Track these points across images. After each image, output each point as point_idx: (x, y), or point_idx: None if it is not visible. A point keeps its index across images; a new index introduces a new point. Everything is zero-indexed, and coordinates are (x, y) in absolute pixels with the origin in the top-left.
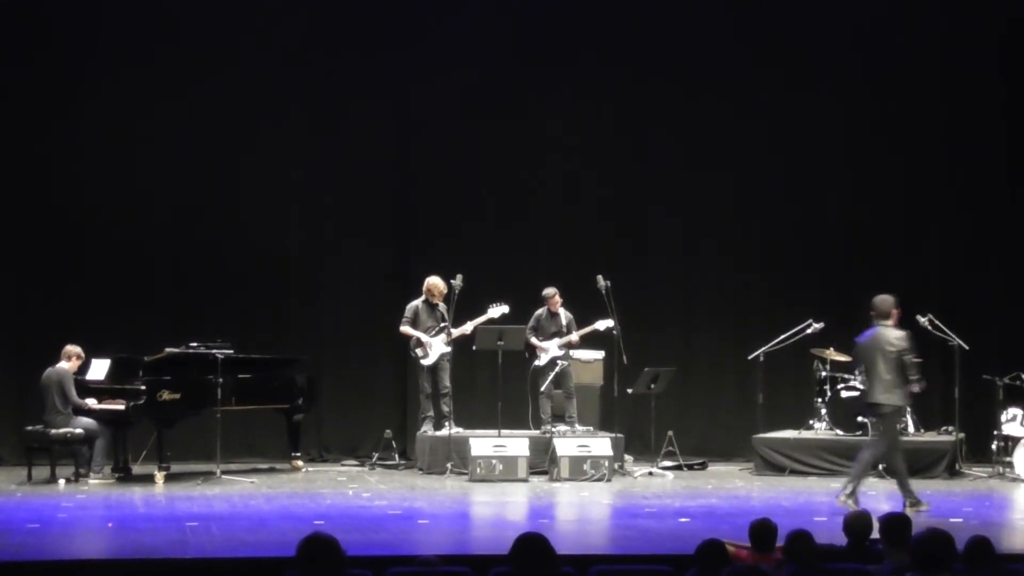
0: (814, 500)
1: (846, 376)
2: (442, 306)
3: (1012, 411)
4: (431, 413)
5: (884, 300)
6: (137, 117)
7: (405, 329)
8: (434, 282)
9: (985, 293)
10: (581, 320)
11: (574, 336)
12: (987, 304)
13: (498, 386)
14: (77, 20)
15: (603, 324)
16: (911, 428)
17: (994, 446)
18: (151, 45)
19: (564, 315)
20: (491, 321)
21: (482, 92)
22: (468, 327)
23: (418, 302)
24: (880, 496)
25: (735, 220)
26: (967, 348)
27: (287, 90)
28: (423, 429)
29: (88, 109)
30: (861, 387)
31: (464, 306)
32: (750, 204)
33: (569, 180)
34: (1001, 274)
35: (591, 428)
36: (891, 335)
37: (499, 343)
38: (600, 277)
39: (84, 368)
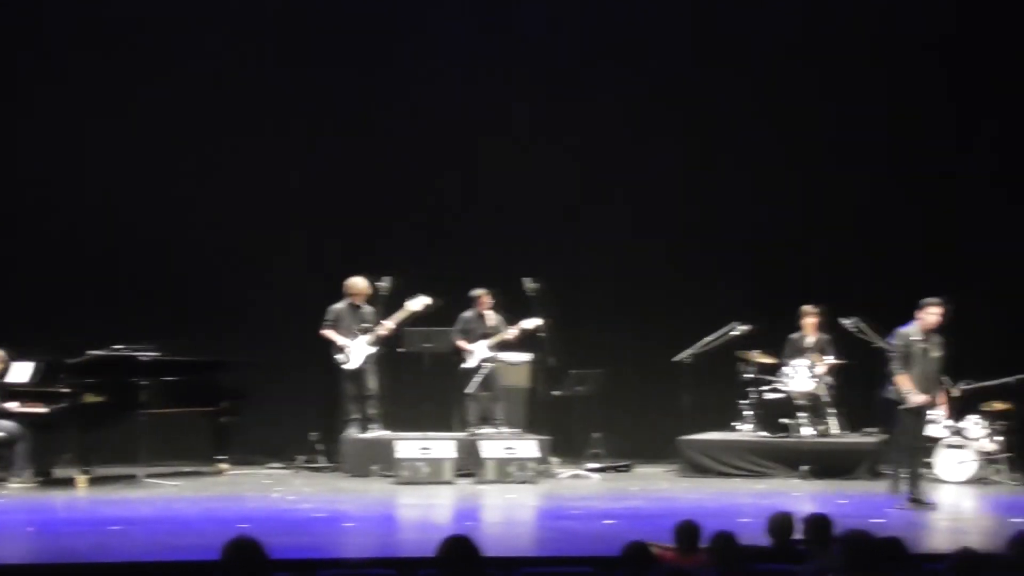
0: (738, 501)
1: (770, 378)
2: (368, 308)
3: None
4: (357, 416)
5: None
6: (72, 115)
7: (325, 332)
8: (354, 282)
9: (913, 295)
10: (510, 322)
11: (509, 333)
12: (913, 306)
13: (424, 388)
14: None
15: (531, 323)
16: (834, 429)
17: None
18: (93, 43)
19: (493, 317)
20: (412, 316)
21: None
22: (390, 323)
23: (341, 304)
24: (803, 497)
25: (665, 222)
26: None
27: (222, 89)
28: (348, 432)
29: (23, 105)
30: (785, 389)
31: (396, 307)
32: (679, 206)
33: (501, 181)
34: (929, 275)
35: (518, 430)
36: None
37: (425, 345)
38: (528, 279)
39: (6, 371)
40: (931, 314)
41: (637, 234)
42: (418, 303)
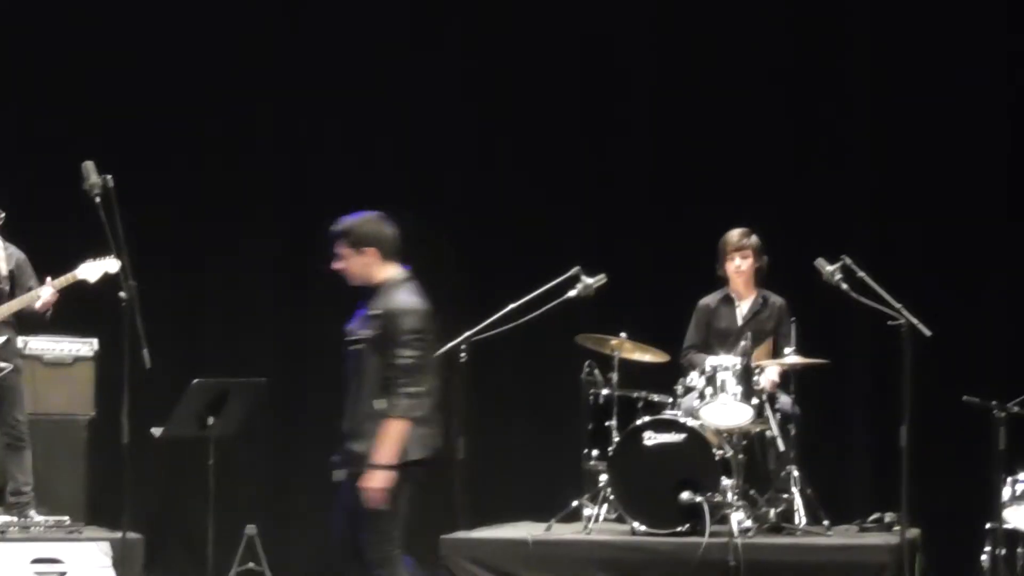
0: None
1: (655, 400)
2: None
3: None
4: None
5: None
6: None
7: None
8: None
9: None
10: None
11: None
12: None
13: None
14: None
15: (95, 268)
16: (800, 521)
17: (987, 556)
18: None
19: (3, 250)
20: None
21: None
22: None
23: None
24: None
25: None
26: None
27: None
28: None
29: None
30: (689, 425)
31: None
32: None
33: None
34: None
35: (66, 518)
36: None
37: None
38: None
39: None
40: None
41: None
42: None
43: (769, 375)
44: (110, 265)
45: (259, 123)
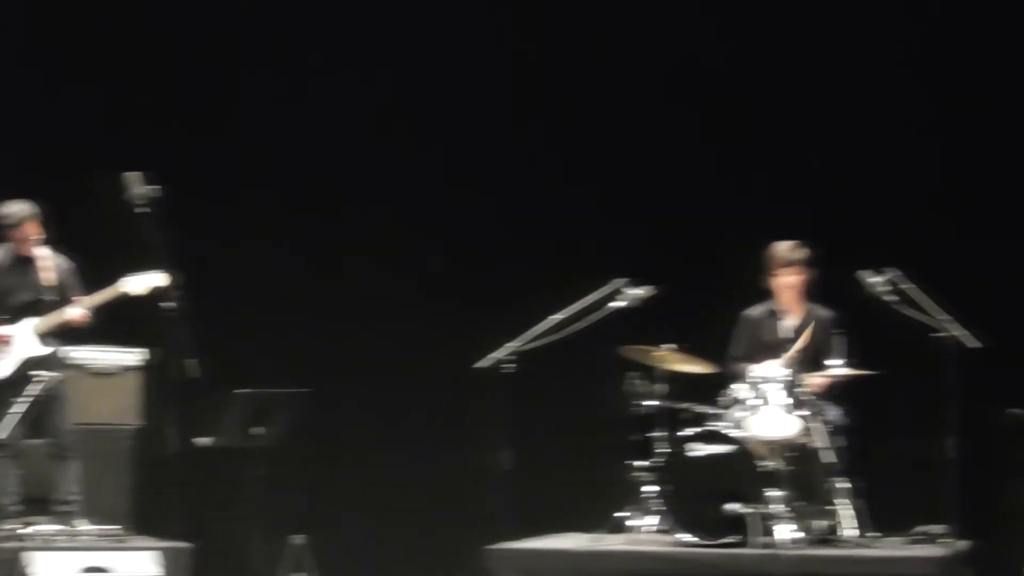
0: None
1: (699, 411)
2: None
3: None
4: None
5: None
6: None
7: None
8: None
9: None
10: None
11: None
12: None
13: None
14: None
15: (140, 281)
16: (847, 525)
17: None
18: None
19: (51, 260)
20: None
21: None
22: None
23: None
24: None
25: None
26: None
27: None
28: None
29: None
30: (735, 435)
31: None
32: None
33: None
34: None
35: (115, 527)
36: None
37: None
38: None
39: None
40: None
41: None
42: None
43: (814, 381)
44: (156, 279)
45: (289, 132)
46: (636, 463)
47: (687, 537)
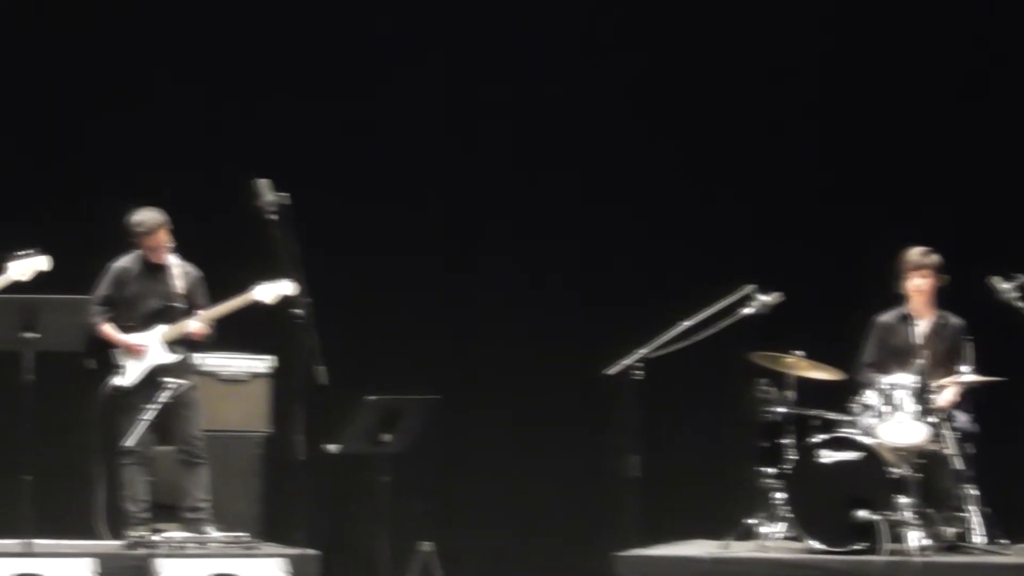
0: None
1: (829, 417)
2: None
3: None
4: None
5: None
6: None
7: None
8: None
9: None
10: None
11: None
12: None
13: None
14: None
15: (271, 289)
16: (977, 532)
17: None
18: None
19: (180, 268)
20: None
21: None
22: None
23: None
24: None
25: None
26: None
27: None
28: None
29: None
30: (866, 443)
31: None
32: None
33: None
34: None
35: (243, 534)
36: None
37: (26, 335)
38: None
39: None
40: None
41: None
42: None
43: (947, 395)
44: (286, 287)
45: (417, 139)
46: (765, 469)
47: (815, 544)
